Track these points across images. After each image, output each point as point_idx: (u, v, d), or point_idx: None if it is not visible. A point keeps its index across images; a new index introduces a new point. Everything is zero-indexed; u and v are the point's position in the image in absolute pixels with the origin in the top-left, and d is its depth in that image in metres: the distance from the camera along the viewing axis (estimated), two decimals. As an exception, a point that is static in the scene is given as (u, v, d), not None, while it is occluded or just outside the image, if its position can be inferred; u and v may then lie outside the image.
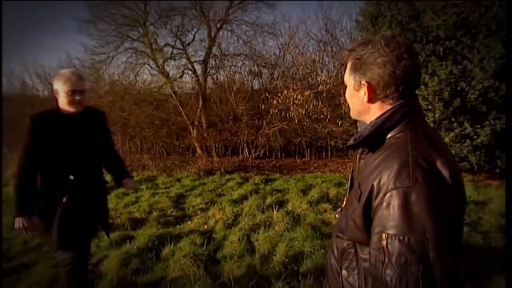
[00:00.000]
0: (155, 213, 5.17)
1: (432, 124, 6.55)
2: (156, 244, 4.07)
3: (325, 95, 8.20)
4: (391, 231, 1.00)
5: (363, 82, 1.15)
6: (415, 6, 7.00)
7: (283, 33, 10.60)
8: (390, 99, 1.14)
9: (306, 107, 8.17)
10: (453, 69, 6.42)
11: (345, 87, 1.26)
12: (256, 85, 11.19)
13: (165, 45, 11.28)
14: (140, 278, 3.36)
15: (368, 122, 1.20)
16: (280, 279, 3.16)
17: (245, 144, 10.32)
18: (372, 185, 1.07)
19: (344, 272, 1.24)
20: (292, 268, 3.39)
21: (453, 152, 6.51)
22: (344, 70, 1.24)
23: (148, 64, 11.34)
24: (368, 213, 1.09)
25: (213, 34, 11.11)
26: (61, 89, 2.41)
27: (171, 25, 11.19)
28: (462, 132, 6.42)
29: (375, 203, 1.06)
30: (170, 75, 10.94)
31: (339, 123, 8.18)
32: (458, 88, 6.44)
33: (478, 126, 6.36)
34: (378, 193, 1.05)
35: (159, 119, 10.60)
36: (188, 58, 10.79)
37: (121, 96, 10.97)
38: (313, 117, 8.24)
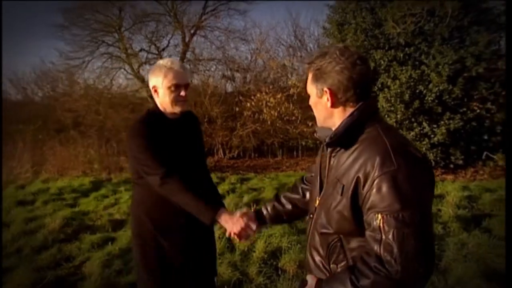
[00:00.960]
0: (135, 214, 5.05)
1: (394, 124, 6.76)
2: (138, 245, 3.99)
3: (296, 98, 8.29)
4: (385, 211, 1.08)
5: (325, 89, 1.23)
6: (378, 15, 7.21)
7: (254, 39, 10.64)
8: (351, 102, 1.23)
9: (278, 109, 8.24)
10: (412, 74, 6.66)
11: (309, 96, 1.34)
12: (229, 89, 11.19)
13: (140, 50, 11.10)
14: (123, 279, 3.28)
15: (332, 126, 1.27)
16: (261, 274, 3.18)
17: (220, 145, 10.28)
18: (358, 177, 1.14)
19: (332, 266, 1.27)
20: (271, 263, 3.42)
21: (413, 149, 6.75)
22: (306, 82, 1.31)
23: (124, 69, 11.11)
24: (356, 202, 1.16)
25: (187, 39, 11.02)
26: (160, 84, 1.86)
27: (145, 31, 11.02)
28: (421, 131, 6.68)
29: (364, 190, 1.13)
30: (146, 79, 10.74)
31: (310, 124, 8.31)
32: (417, 91, 6.68)
33: (435, 125, 6.63)
34: (365, 181, 1.13)
35: (135, 122, 10.38)
36: (163, 63, 10.62)
37: (97, 100, 10.68)
38: (285, 118, 8.33)
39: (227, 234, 1.73)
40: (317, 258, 1.32)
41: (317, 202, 1.35)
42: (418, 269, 1.06)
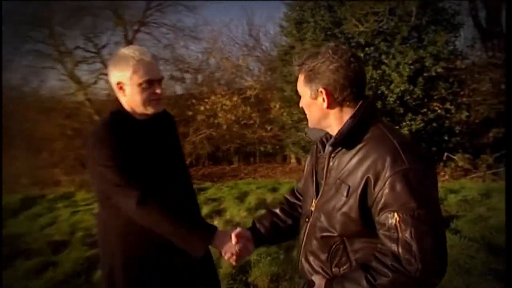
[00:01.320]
0: (79, 234, 4.78)
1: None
2: (85, 268, 3.76)
3: (253, 100, 8.34)
4: (401, 210, 1.13)
5: (320, 89, 1.26)
6: (337, 13, 7.49)
7: (207, 37, 10.57)
8: (348, 101, 1.27)
9: (235, 112, 8.23)
10: (374, 74, 6.98)
11: (299, 98, 1.37)
12: (179, 90, 11.01)
13: (76, 48, 10.56)
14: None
15: (327, 127, 1.32)
16: (231, 291, 3.12)
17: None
18: (368, 177, 1.18)
19: (335, 269, 1.29)
20: (240, 279, 3.37)
21: (377, 152, 7.06)
22: (296, 84, 1.34)
23: (56, 68, 10.50)
24: (365, 202, 1.20)
25: (129, 36, 10.68)
26: (127, 80, 1.61)
27: (81, 26, 10.52)
28: (384, 133, 6.99)
29: (375, 190, 1.17)
30: (83, 80, 10.25)
31: (268, 128, 8.40)
32: (379, 92, 7.01)
33: (397, 127, 6.99)
34: (376, 181, 1.17)
35: (71, 129, 9.87)
36: (103, 62, 10.20)
37: (24, 105, 9.99)
38: (242, 122, 8.34)
39: (225, 257, 1.61)
40: (316, 263, 1.34)
41: (313, 205, 1.36)
42: (436, 266, 1.12)
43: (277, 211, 1.66)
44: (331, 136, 1.34)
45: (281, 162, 9.80)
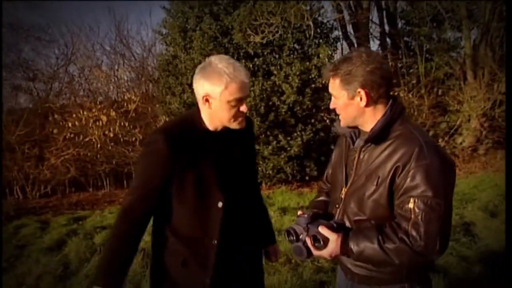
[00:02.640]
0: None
1: (251, 138, 7.47)
2: None
3: (133, 115, 8.12)
4: (417, 196, 1.46)
5: (358, 90, 1.54)
6: (224, 22, 7.91)
7: (67, 41, 9.87)
8: (381, 99, 1.58)
9: (112, 128, 7.87)
10: (265, 85, 7.56)
11: (329, 99, 1.69)
12: (26, 103, 9.93)
13: None
14: None
15: (362, 124, 1.63)
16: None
17: (24, 181, 8.96)
18: (397, 166, 1.51)
19: None
20: None
21: (272, 164, 7.62)
22: (328, 86, 1.64)
23: None
24: (391, 189, 1.53)
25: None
26: (218, 95, 1.69)
27: None
28: (278, 145, 7.60)
29: (399, 178, 1.50)
30: None
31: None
32: (271, 103, 7.61)
33: (289, 138, 7.67)
34: (402, 170, 1.50)
35: None
36: None
37: None
38: (122, 140, 8.01)
39: None
40: None
41: (343, 192, 1.67)
42: (436, 247, 1.46)
43: (326, 198, 1.92)
44: (359, 131, 1.67)
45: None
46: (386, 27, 10.34)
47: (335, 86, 1.60)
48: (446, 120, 9.14)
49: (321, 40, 8.18)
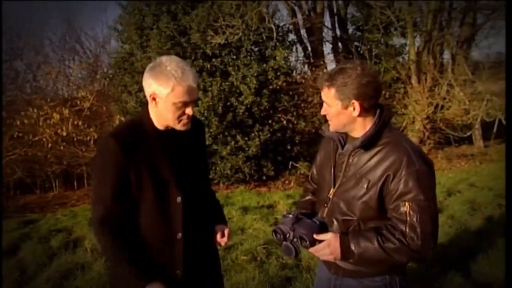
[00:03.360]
0: None
1: (209, 138, 7.49)
2: None
3: (88, 113, 7.87)
4: (411, 200, 1.61)
5: (353, 101, 1.66)
6: (182, 22, 7.86)
7: (13, 36, 9.35)
8: (371, 109, 1.70)
9: (64, 128, 7.59)
10: (223, 85, 7.60)
11: (321, 106, 1.79)
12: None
13: None
14: None
15: (351, 131, 1.75)
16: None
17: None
18: (388, 174, 1.64)
19: None
20: None
21: (230, 164, 7.68)
22: (322, 94, 1.73)
23: None
24: (382, 194, 1.66)
25: None
26: (164, 96, 1.71)
27: None
28: (236, 145, 7.67)
29: (392, 184, 1.64)
30: None
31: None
32: (229, 103, 7.67)
33: (247, 138, 7.76)
34: (393, 178, 1.63)
35: None
36: None
37: None
38: (75, 139, 7.74)
39: None
40: None
41: (332, 192, 1.79)
42: (431, 244, 1.62)
43: (313, 197, 2.03)
44: (346, 135, 1.79)
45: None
46: (338, 32, 10.72)
47: (329, 95, 1.69)
48: (393, 122, 9.63)
49: (277, 43, 8.33)
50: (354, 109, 1.67)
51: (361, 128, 1.72)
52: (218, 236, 1.98)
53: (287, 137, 8.33)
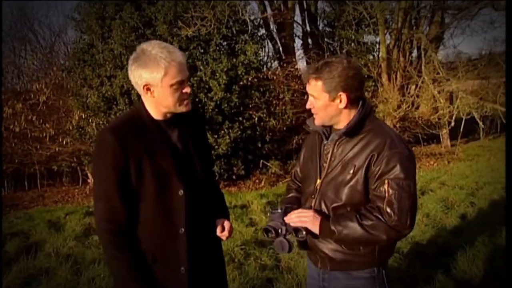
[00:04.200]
0: None
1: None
2: None
3: (44, 108, 7.58)
4: (391, 178, 1.72)
5: (340, 93, 1.76)
6: (147, 13, 7.72)
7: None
8: (356, 100, 1.82)
9: (17, 123, 7.28)
10: (191, 81, 7.52)
11: (306, 99, 1.88)
12: None
13: None
14: None
15: (337, 123, 1.85)
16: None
17: None
18: (372, 155, 1.76)
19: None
20: None
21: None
22: (307, 88, 1.83)
23: None
24: (366, 176, 1.77)
25: None
26: (158, 81, 1.70)
27: None
28: (205, 143, 7.59)
29: (375, 164, 1.76)
30: None
31: (64, 142, 7.76)
32: (197, 100, 7.59)
33: (216, 136, 7.72)
34: (377, 158, 1.75)
35: None
36: None
37: None
38: (30, 135, 7.43)
39: None
40: None
41: (318, 183, 1.89)
42: (408, 222, 1.72)
43: (297, 194, 2.09)
44: (330, 128, 1.90)
45: (74, 183, 9.15)
46: (309, 28, 10.84)
47: (316, 88, 1.78)
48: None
49: (247, 37, 8.34)
50: (341, 101, 1.77)
51: (346, 120, 1.83)
52: (218, 230, 1.95)
53: (257, 135, 8.35)
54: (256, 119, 8.15)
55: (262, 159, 8.43)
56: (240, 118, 8.04)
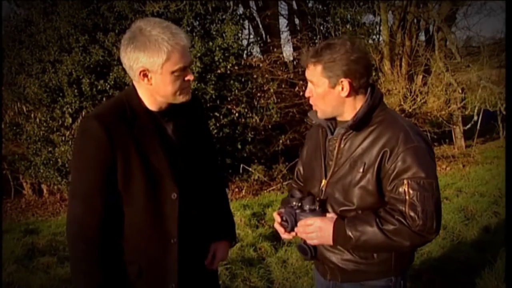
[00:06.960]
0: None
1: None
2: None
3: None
4: (410, 178, 1.77)
5: (341, 79, 1.82)
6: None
7: None
8: (362, 89, 1.87)
9: None
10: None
11: (304, 88, 1.94)
12: None
13: None
14: None
15: (341, 114, 1.92)
16: None
17: None
18: (384, 151, 1.81)
19: None
20: None
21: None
22: (306, 73, 1.89)
23: None
24: (379, 174, 1.83)
25: None
26: (158, 67, 1.71)
27: None
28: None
29: (389, 163, 1.81)
30: None
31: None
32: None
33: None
34: (390, 155, 1.80)
35: None
36: None
37: None
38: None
39: None
40: None
41: (324, 184, 1.95)
42: (433, 225, 1.76)
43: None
44: (336, 122, 1.96)
45: (5, 196, 8.97)
46: (295, 5, 10.92)
47: (315, 73, 1.84)
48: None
49: (225, 16, 8.35)
50: (342, 88, 1.83)
51: (351, 110, 1.88)
52: (208, 258, 2.01)
53: (237, 134, 8.38)
54: (236, 114, 8.18)
55: (242, 163, 8.46)
56: (217, 114, 8.07)
